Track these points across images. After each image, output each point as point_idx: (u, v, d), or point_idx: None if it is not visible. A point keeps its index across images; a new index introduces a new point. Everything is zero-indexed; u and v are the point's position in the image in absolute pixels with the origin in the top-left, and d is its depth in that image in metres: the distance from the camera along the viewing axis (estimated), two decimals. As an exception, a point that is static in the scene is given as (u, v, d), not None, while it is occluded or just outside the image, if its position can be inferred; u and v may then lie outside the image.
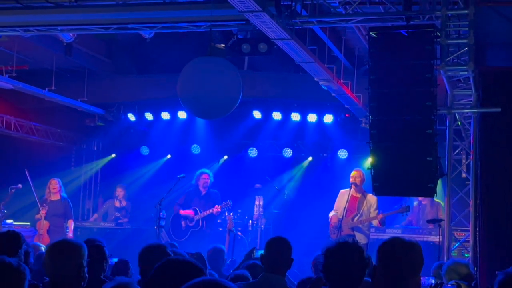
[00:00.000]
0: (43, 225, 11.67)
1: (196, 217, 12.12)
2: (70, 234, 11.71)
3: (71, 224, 12.02)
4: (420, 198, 11.74)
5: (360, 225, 10.47)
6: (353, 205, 10.45)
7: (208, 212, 12.04)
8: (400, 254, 3.25)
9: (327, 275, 3.46)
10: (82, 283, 3.98)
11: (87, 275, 4.00)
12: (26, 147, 13.76)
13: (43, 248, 8.01)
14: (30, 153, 13.79)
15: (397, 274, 3.22)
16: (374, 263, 3.34)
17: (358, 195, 10.54)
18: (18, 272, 3.30)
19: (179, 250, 6.37)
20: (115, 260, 6.49)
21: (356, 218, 10.43)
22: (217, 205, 11.99)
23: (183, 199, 12.41)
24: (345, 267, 3.42)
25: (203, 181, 12.25)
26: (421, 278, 4.00)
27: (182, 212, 12.23)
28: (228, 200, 12.00)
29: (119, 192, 13.72)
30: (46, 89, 11.50)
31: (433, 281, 6.00)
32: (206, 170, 12.57)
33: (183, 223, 12.25)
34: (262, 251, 4.85)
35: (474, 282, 6.14)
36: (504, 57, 9.36)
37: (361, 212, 10.46)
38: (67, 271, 3.84)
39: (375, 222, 10.71)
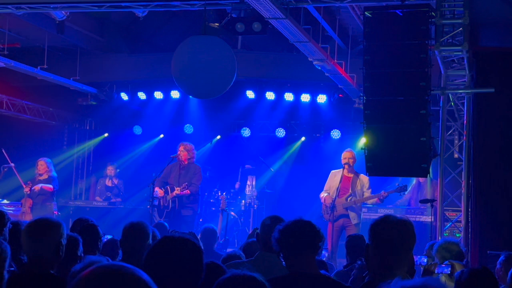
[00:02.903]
0: (26, 202, 11.66)
1: (168, 197, 10.97)
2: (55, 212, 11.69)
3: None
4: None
5: (353, 205, 10.51)
6: (346, 185, 10.47)
7: (174, 193, 10.91)
8: (392, 232, 3.25)
9: (281, 248, 3.75)
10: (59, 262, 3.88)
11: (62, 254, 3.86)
12: (18, 126, 13.70)
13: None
14: (22, 132, 13.74)
15: (389, 251, 3.23)
16: (367, 242, 3.36)
17: (351, 175, 10.54)
18: (0, 250, 3.30)
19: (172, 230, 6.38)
20: (109, 237, 6.49)
21: (349, 198, 10.45)
22: (177, 188, 10.88)
23: (163, 173, 11.15)
24: (296, 241, 3.68)
25: (178, 154, 11.15)
26: (414, 256, 4.03)
27: (155, 192, 10.85)
28: (185, 183, 10.84)
29: (110, 170, 13.67)
30: (38, 67, 11.41)
31: (425, 260, 6.05)
32: (186, 142, 11.41)
33: (160, 202, 11.15)
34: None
35: (465, 260, 6.20)
36: (498, 38, 9.35)
37: (354, 191, 10.49)
38: (46, 250, 3.74)
39: (373, 201, 10.73)
